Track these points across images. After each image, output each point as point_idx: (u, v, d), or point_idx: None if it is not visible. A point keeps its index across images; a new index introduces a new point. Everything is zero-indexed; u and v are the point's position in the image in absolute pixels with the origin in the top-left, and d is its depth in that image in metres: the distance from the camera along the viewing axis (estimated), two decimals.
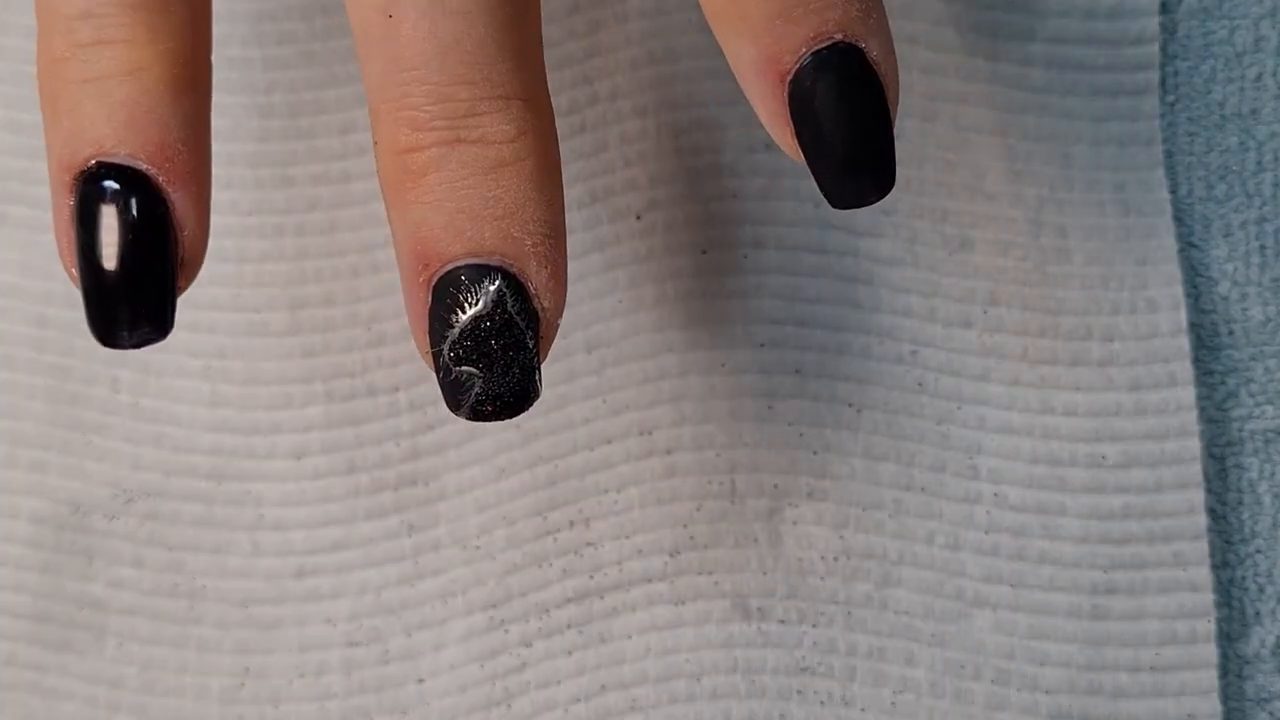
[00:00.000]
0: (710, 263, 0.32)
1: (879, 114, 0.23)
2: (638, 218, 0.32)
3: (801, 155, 0.24)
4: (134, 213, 0.22)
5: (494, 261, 0.22)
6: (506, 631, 0.31)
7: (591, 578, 0.31)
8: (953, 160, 0.32)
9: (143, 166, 0.22)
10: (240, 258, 0.32)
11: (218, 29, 0.32)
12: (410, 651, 0.31)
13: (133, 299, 0.22)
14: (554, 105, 0.32)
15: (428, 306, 0.23)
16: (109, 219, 0.22)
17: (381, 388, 0.32)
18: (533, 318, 0.23)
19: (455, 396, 0.23)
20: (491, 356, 0.22)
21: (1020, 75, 0.31)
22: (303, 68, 0.32)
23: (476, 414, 0.23)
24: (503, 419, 0.23)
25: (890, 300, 0.31)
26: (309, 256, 0.32)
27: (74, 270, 0.23)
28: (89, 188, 0.22)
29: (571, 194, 0.32)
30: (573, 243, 0.32)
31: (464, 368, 0.22)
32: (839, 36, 0.23)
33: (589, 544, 0.31)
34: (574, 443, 0.31)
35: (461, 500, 0.31)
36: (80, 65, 0.22)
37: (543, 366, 0.31)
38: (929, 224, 0.31)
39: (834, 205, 0.24)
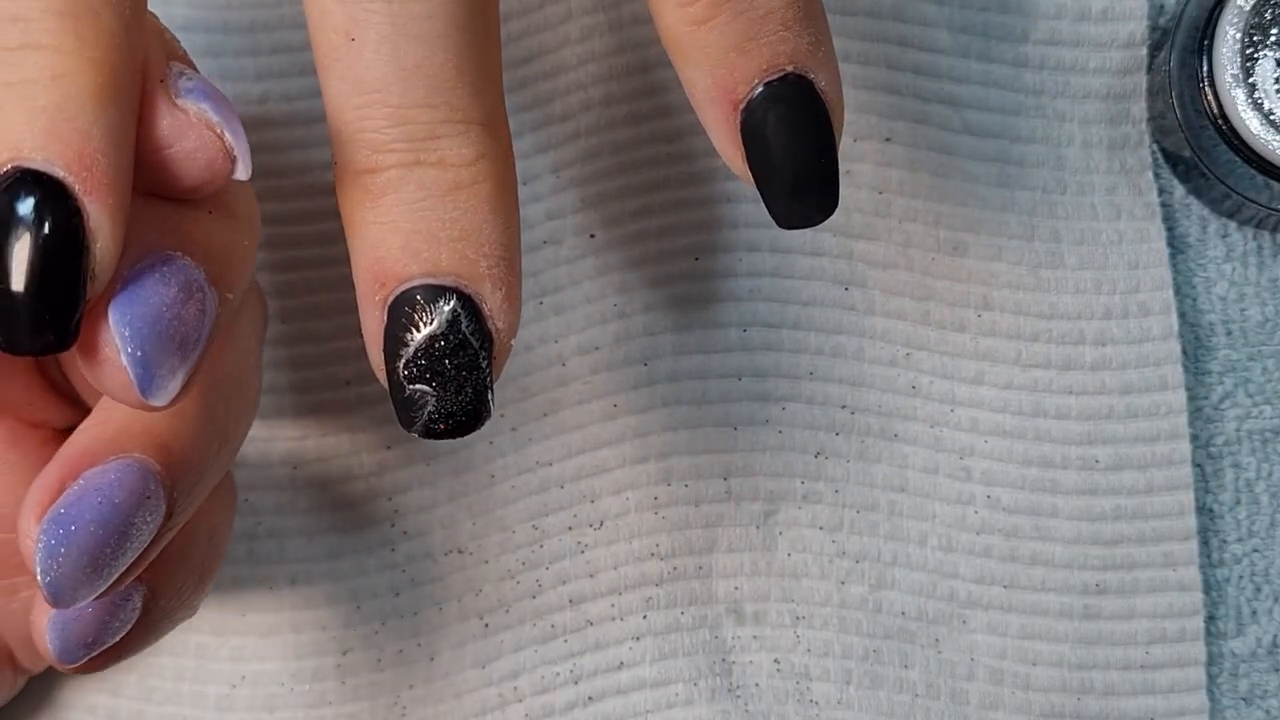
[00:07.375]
0: (704, 267, 0.32)
1: (825, 141, 0.24)
2: (632, 222, 0.32)
3: (751, 178, 0.25)
4: (46, 219, 0.21)
5: (449, 282, 0.23)
6: (501, 638, 0.31)
7: (586, 582, 0.31)
8: (945, 163, 0.31)
9: (59, 173, 0.21)
10: None
11: (210, 39, 0.32)
12: (404, 658, 0.31)
13: (37, 306, 0.21)
14: (549, 111, 0.32)
15: (383, 325, 0.23)
16: (21, 223, 0.21)
17: (373, 397, 0.32)
18: (487, 338, 0.23)
19: (409, 414, 0.23)
20: (445, 376, 0.23)
21: (1013, 77, 0.31)
22: (296, 77, 0.32)
23: (429, 432, 0.23)
24: (455, 437, 0.23)
25: (884, 303, 0.31)
26: (300, 268, 0.32)
27: None
28: (2, 192, 0.21)
29: (566, 199, 0.32)
30: (566, 248, 0.32)
31: (418, 386, 0.23)
32: (790, 68, 0.24)
33: (583, 549, 0.31)
34: (567, 448, 0.31)
35: (455, 506, 0.32)
36: (4, 69, 0.22)
37: (536, 372, 0.32)
38: (922, 227, 0.31)
39: (781, 225, 0.25)
